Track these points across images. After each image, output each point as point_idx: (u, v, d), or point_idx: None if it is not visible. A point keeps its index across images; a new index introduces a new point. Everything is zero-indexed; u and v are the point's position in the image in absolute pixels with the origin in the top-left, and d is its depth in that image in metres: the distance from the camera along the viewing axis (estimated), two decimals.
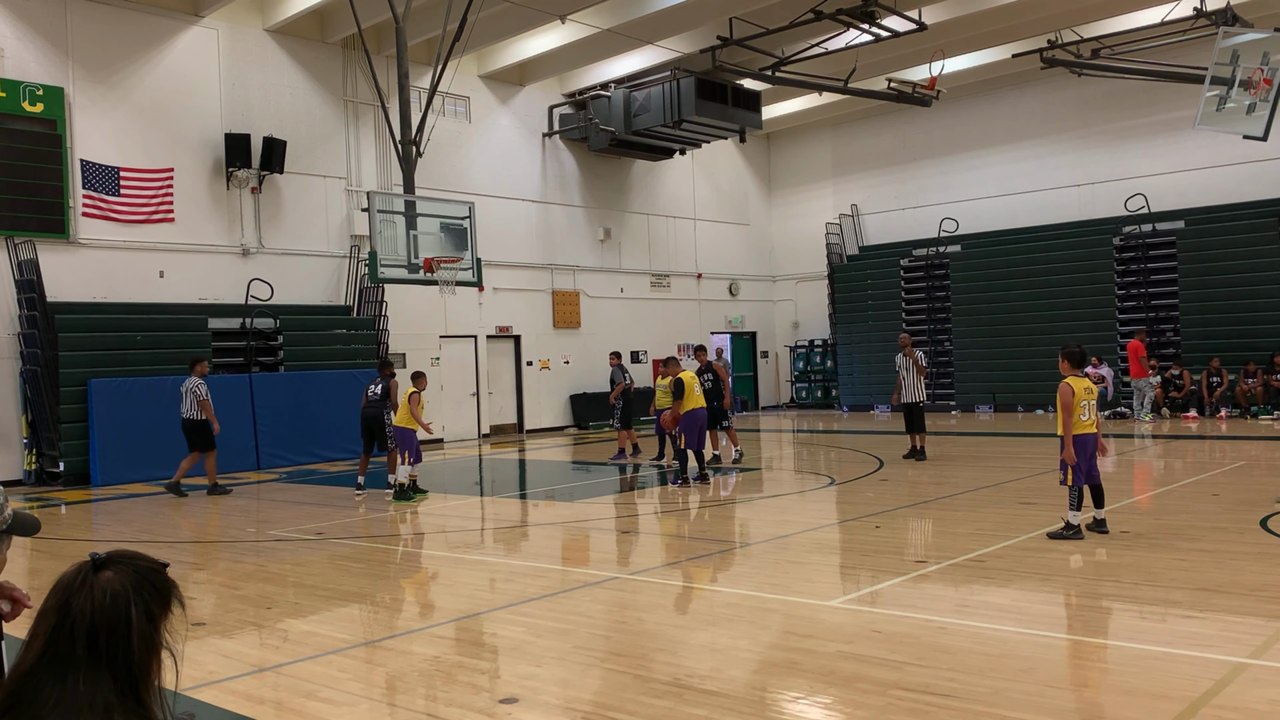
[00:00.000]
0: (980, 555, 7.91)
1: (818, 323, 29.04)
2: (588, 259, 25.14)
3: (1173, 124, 22.30)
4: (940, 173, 27.09)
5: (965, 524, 9.55)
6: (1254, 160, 21.19)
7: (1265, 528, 8.61)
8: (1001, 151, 26.02)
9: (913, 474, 13.50)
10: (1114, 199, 23.85)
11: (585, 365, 24.50)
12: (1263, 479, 11.90)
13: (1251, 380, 20.19)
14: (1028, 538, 8.56)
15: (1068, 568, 7.45)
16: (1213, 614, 6.11)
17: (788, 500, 12.07)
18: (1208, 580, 6.91)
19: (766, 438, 20.72)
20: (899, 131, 27.39)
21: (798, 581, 7.48)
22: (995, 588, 6.93)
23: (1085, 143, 24.73)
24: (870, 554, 8.51)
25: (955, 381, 25.40)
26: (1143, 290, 22.79)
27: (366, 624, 6.94)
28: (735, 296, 29.27)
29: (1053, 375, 22.66)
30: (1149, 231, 22.95)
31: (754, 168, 30.28)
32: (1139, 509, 10.06)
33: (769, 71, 21.30)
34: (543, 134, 24.32)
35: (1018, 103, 25.56)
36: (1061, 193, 24.94)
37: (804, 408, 28.87)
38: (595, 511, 11.60)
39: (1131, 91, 23.01)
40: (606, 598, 7.19)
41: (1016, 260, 24.79)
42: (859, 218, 28.95)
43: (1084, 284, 23.43)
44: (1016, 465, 13.92)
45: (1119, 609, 6.31)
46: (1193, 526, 9.01)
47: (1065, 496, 8.63)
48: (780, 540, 9.23)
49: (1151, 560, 7.61)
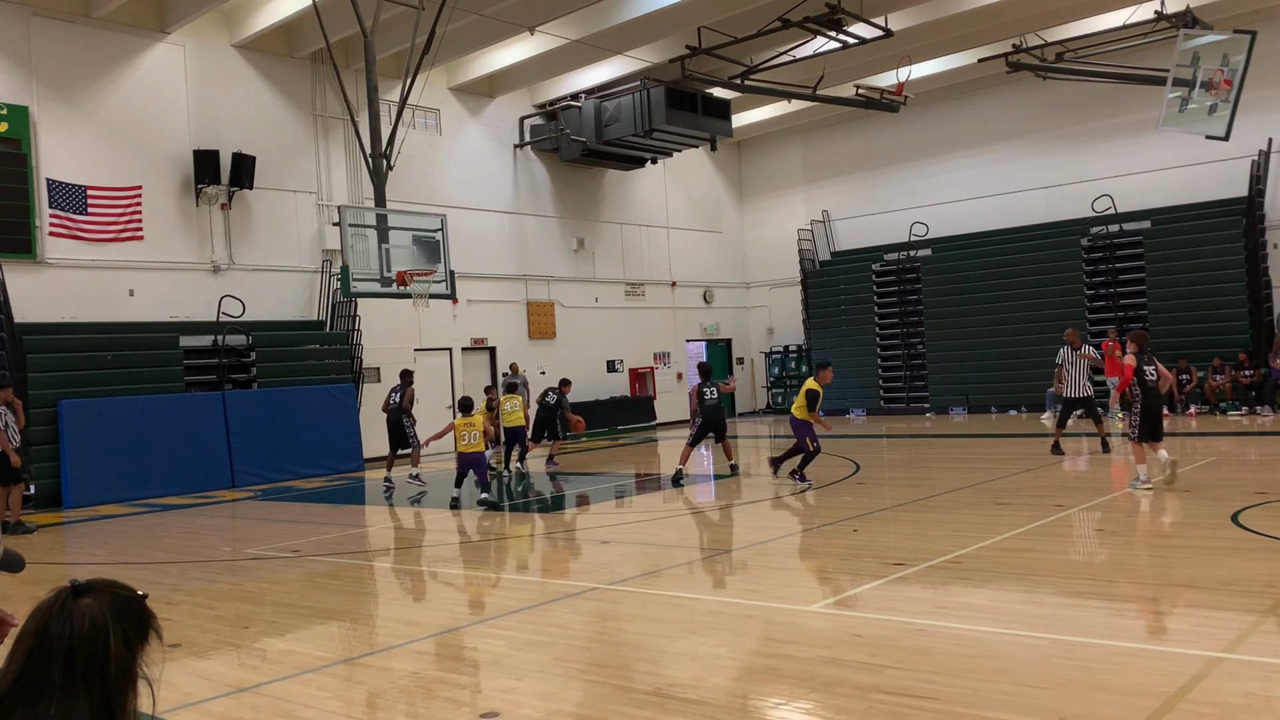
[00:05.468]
0: (957, 556, 7.96)
1: (792, 328, 29.15)
2: (562, 269, 25.13)
3: (1137, 125, 22.57)
4: (909, 177, 27.29)
5: (942, 526, 9.61)
6: (1217, 160, 21.49)
7: (1237, 522, 8.71)
8: (969, 155, 26.25)
9: (889, 476, 13.56)
10: (1081, 200, 24.11)
11: (562, 376, 24.45)
12: (1233, 474, 12.05)
13: (1220, 377, 20.44)
14: (1004, 538, 8.62)
15: (1044, 567, 7.51)
16: (1187, 609, 6.18)
17: (766, 506, 12.09)
18: (1182, 576, 6.99)
19: (744, 444, 20.76)
20: (868, 137, 27.58)
21: (777, 587, 7.49)
22: (973, 589, 6.97)
23: (1052, 145, 25.00)
24: (848, 558, 8.55)
25: (929, 384, 25.57)
26: (1111, 290, 23.04)
27: (345, 641, 6.90)
28: (710, 304, 29.33)
29: (1023, 375, 22.78)
30: (1116, 232, 23.22)
31: (726, 175, 30.39)
32: (1114, 506, 10.15)
33: (738, 80, 21.40)
34: (514, 145, 24.31)
35: (984, 107, 25.81)
36: (1029, 195, 25.19)
37: (781, 413, 28.93)
38: (574, 522, 11.58)
39: (1096, 94, 23.28)
40: (586, 608, 7.18)
41: (987, 263, 25.00)
42: (830, 223, 29.11)
43: (1053, 285, 23.66)
44: (991, 466, 14.02)
45: (1095, 606, 6.36)
46: (1167, 523, 9.12)
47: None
48: (759, 546, 9.25)
49: (1127, 557, 7.69)
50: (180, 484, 16.44)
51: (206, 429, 17.05)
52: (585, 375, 22.32)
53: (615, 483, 15.55)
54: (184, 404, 17.07)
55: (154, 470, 16.26)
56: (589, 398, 24.23)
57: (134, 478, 15.89)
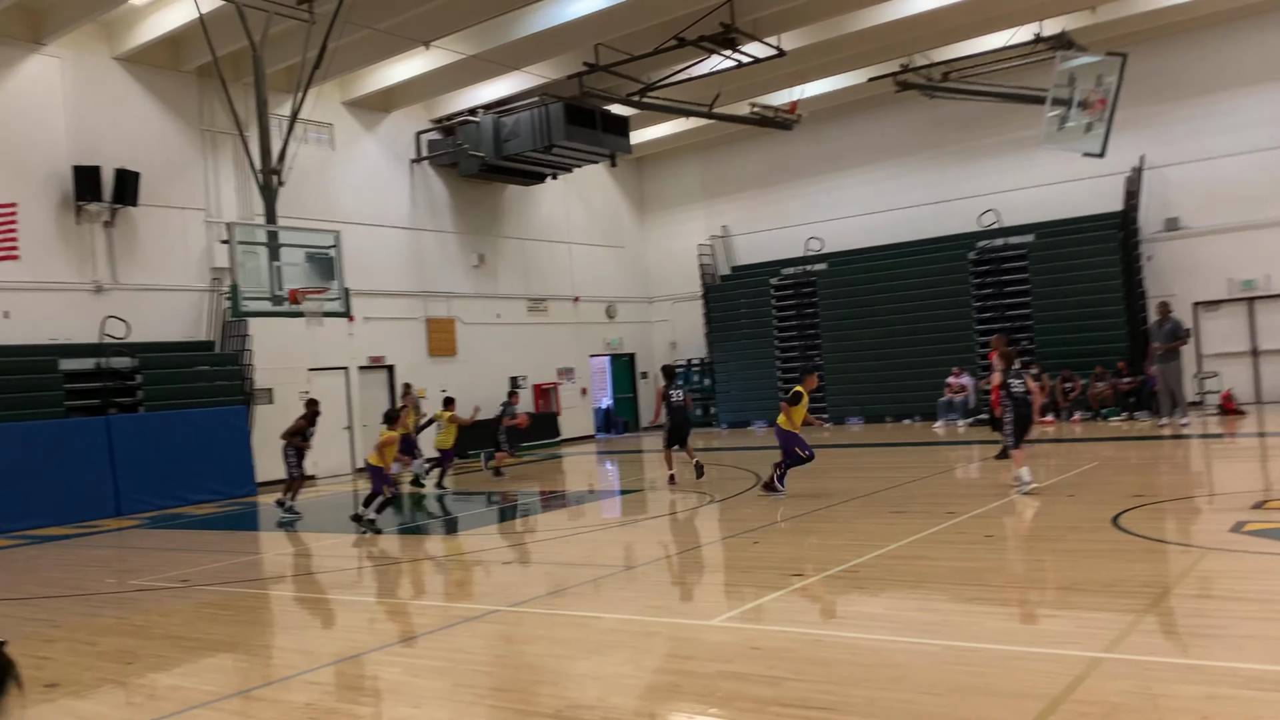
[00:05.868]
0: (854, 565, 8.11)
1: (694, 342, 29.41)
2: (462, 285, 24.89)
3: (1020, 143, 23.41)
4: (805, 193, 27.86)
5: (840, 535, 9.79)
6: (1094, 176, 22.45)
7: (1116, 525, 9.08)
8: (862, 172, 26.92)
9: (788, 487, 13.75)
10: (968, 215, 24.94)
11: (463, 394, 24.13)
12: (1114, 478, 12.56)
13: (1101, 384, 21.32)
14: (899, 546, 8.82)
15: (936, 573, 7.70)
16: (1070, 611, 6.41)
17: (668, 520, 12.15)
18: (1065, 579, 7.25)
19: (648, 458, 20.82)
20: (764, 154, 28.05)
21: (678, 602, 7.53)
22: (869, 597, 7.11)
23: (940, 162, 25.81)
24: (749, 570, 8.64)
25: (827, 395, 26.03)
26: (998, 301, 23.85)
27: (237, 674, 6.67)
28: (613, 319, 29.40)
29: (916, 385, 23.37)
30: (1001, 245, 24.07)
31: (626, 191, 30.55)
32: (1000, 513, 10.48)
33: (636, 97, 21.56)
34: (411, 160, 24.02)
35: (875, 125, 26.51)
36: (919, 210, 25.93)
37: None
38: (475, 543, 11.45)
39: (981, 112, 24.09)
40: (488, 632, 7.10)
41: (880, 276, 25.64)
42: (730, 238, 29.50)
43: (944, 297, 24.38)
44: (888, 474, 14.34)
45: (985, 611, 6.55)
46: (1052, 527, 9.45)
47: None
48: (662, 561, 9.28)
49: (1014, 562, 7.94)
50: (62, 513, 15.72)
51: (89, 455, 16.34)
52: (487, 392, 22.09)
53: (520, 501, 15.43)
54: (65, 430, 16.33)
55: (33, 500, 15.51)
56: (491, 415, 24.00)
57: (11, 508, 15.13)
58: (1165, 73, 22.41)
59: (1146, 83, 21.68)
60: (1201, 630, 5.96)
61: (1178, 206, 22.86)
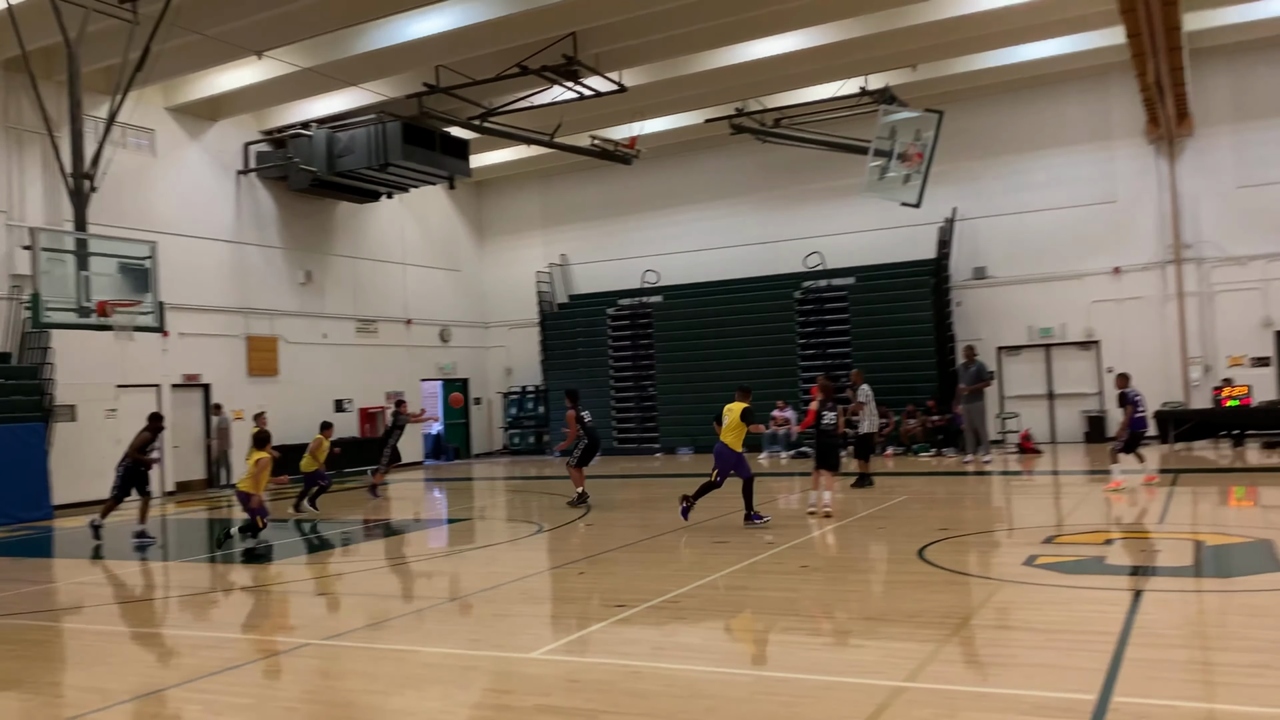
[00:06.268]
0: (676, 596, 8.23)
1: (530, 369, 29.35)
2: (287, 303, 24.05)
3: (844, 190, 24.51)
4: (642, 227, 28.35)
5: (663, 565, 9.92)
6: (911, 225, 23.75)
7: (922, 557, 9.56)
8: (697, 209, 27.63)
9: (618, 517, 13.87)
10: (795, 256, 25.94)
11: (284, 415, 23.25)
12: (922, 512, 13.23)
13: (913, 421, 22.46)
14: (719, 576, 9.01)
15: (753, 603, 7.92)
16: (877, 641, 6.70)
17: (496, 550, 12.03)
18: (873, 609, 7.58)
19: (479, 486, 20.57)
20: (604, 186, 28.40)
21: (500, 635, 7.45)
22: (688, 628, 7.24)
23: (770, 204, 26.78)
24: (572, 601, 8.64)
25: (659, 425, 26.43)
26: (821, 339, 24.84)
27: (20, 714, 6.18)
28: (447, 343, 29.00)
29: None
30: (825, 286, 25.13)
31: (465, 214, 30.30)
32: (817, 544, 10.87)
33: (476, 121, 21.48)
34: (238, 171, 23.13)
35: (711, 164, 27.28)
36: (750, 249, 26.79)
37: (517, 454, 28.97)
38: (291, 573, 11.01)
39: (809, 159, 25.14)
40: (299, 666, 6.83)
41: (712, 311, 26.31)
42: (568, 267, 29.66)
43: (770, 333, 25.23)
44: (713, 505, 14.61)
45: (797, 641, 6.77)
46: (863, 559, 9.87)
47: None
48: (486, 593, 9.18)
49: (827, 592, 8.24)
50: None
51: None
52: (310, 414, 21.32)
53: (341, 529, 14.94)
54: None
55: None
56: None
57: None
58: (977, 131, 24.00)
59: (960, 140, 23.13)
60: (996, 659, 6.34)
61: (985, 257, 24.45)
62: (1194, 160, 22.75)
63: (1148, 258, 23.02)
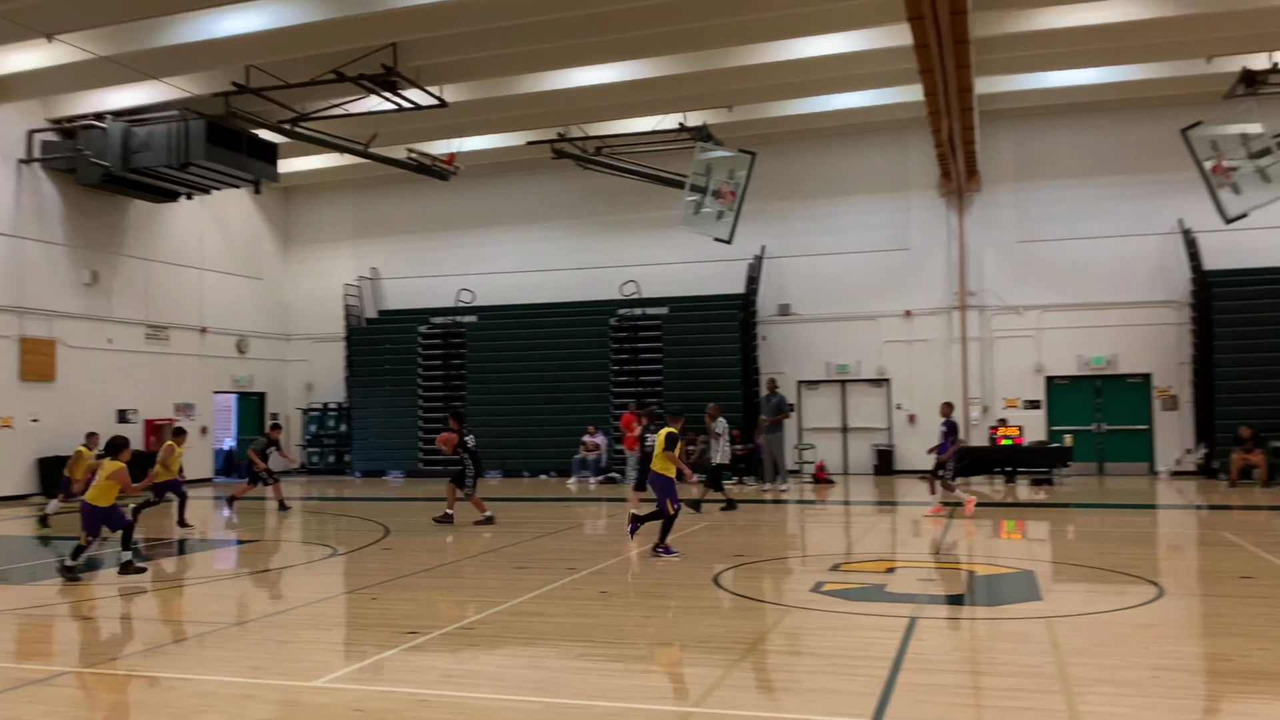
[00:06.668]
0: (471, 623, 8.11)
1: (333, 385, 28.38)
2: (69, 304, 22.36)
3: (661, 221, 24.91)
4: (459, 245, 28.01)
5: (462, 591, 9.76)
6: (723, 259, 24.43)
7: (717, 583, 9.79)
8: (516, 230, 27.55)
9: (418, 541, 13.57)
10: (612, 283, 26.23)
11: (60, 424, 21.58)
12: (721, 538, 13.57)
13: None
14: (517, 602, 8.94)
15: (550, 630, 7.89)
16: (668, 666, 6.80)
17: (286, 574, 11.52)
18: (666, 635, 7.70)
19: (272, 506, 19.66)
20: (421, 201, 27.90)
21: (283, 662, 7.13)
22: (481, 655, 7.13)
23: (589, 230, 27.02)
24: (364, 627, 8.38)
25: None
26: (634, 366, 25.19)
27: None
28: (244, 354, 27.68)
29: (554, 442, 23.90)
30: (640, 314, 25.52)
31: (271, 221, 29.10)
32: (617, 570, 10.96)
33: (287, 125, 20.72)
34: (19, 160, 21.41)
35: (531, 186, 27.29)
36: (568, 274, 26.91)
37: (315, 473, 27.88)
38: (51, 595, 10.17)
39: (629, 188, 25.49)
40: (53, 698, 6.30)
41: (527, 334, 26.24)
42: (379, 281, 28.94)
43: (585, 359, 25.39)
44: (518, 530, 14.53)
45: (590, 668, 6.78)
46: (661, 584, 10.01)
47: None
48: (271, 618, 8.77)
49: (623, 619, 8.31)
50: None
51: None
52: (88, 425, 19.78)
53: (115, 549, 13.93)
54: None
55: None
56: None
57: None
58: (787, 174, 25.01)
59: (771, 181, 24.03)
60: (778, 684, 6.56)
61: (790, 294, 25.47)
62: (980, 214, 24.49)
63: (936, 303, 24.56)
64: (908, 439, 24.47)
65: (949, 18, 14.46)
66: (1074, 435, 23.31)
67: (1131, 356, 23.47)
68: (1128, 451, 23.58)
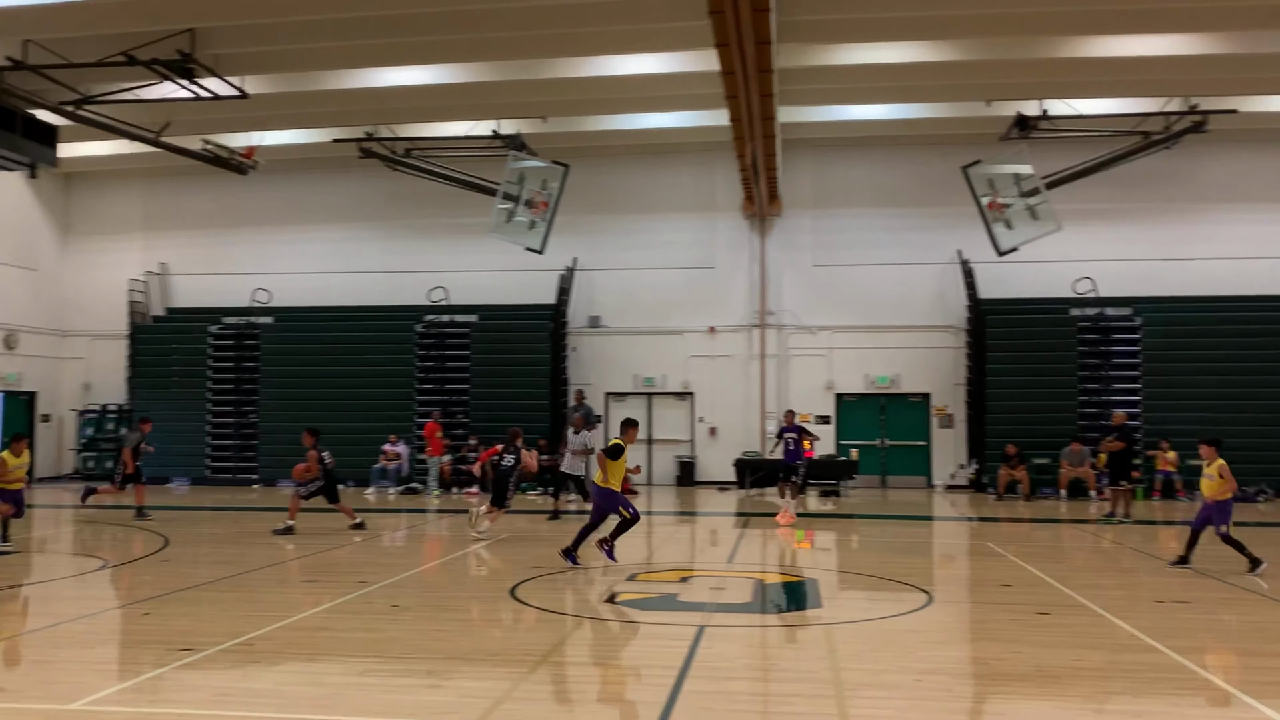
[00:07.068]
0: (251, 638, 7.77)
1: (114, 386, 26.55)
2: None
3: (473, 228, 24.61)
4: (257, 242, 26.85)
5: (244, 605, 9.34)
6: (535, 269, 24.40)
7: (514, 595, 9.77)
8: (319, 230, 26.65)
9: (202, 553, 12.89)
10: (420, 288, 25.73)
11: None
12: (522, 550, 13.53)
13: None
14: (303, 616, 8.64)
15: (335, 645, 7.66)
16: (456, 681, 6.72)
17: (52, 588, 10.70)
18: (456, 648, 7.62)
19: (41, 515, 18.20)
20: (216, 195, 26.56)
21: (37, 684, 6.62)
22: (260, 671, 6.85)
23: (398, 233, 26.46)
24: (134, 644, 7.89)
25: (259, 455, 24.92)
26: (440, 375, 24.80)
27: None
28: (12, 350, 25.54)
29: (357, 450, 23.17)
30: (448, 322, 25.16)
31: (49, 208, 27.02)
32: (412, 583, 10.75)
33: (70, 107, 19.30)
34: None
35: (337, 185, 26.47)
36: (374, 277, 26.23)
37: (91, 478, 25.95)
38: None
39: (440, 193, 25.05)
40: None
41: (328, 337, 25.41)
42: (168, 277, 27.35)
43: (390, 365, 24.79)
44: (312, 541, 14.03)
45: (375, 684, 6.62)
46: (455, 597, 9.90)
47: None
48: (27, 636, 8.13)
49: (413, 632, 8.16)
50: None
51: None
52: None
53: None
54: None
55: None
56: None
57: None
58: (600, 188, 25.28)
59: (584, 194, 24.22)
60: (566, 696, 6.61)
61: (600, 306, 25.75)
62: (781, 238, 25.53)
63: (738, 320, 25.40)
64: (709, 451, 25.18)
65: (754, 47, 15.02)
66: (860, 450, 24.61)
67: (913, 377, 25.01)
68: (908, 466, 25.08)
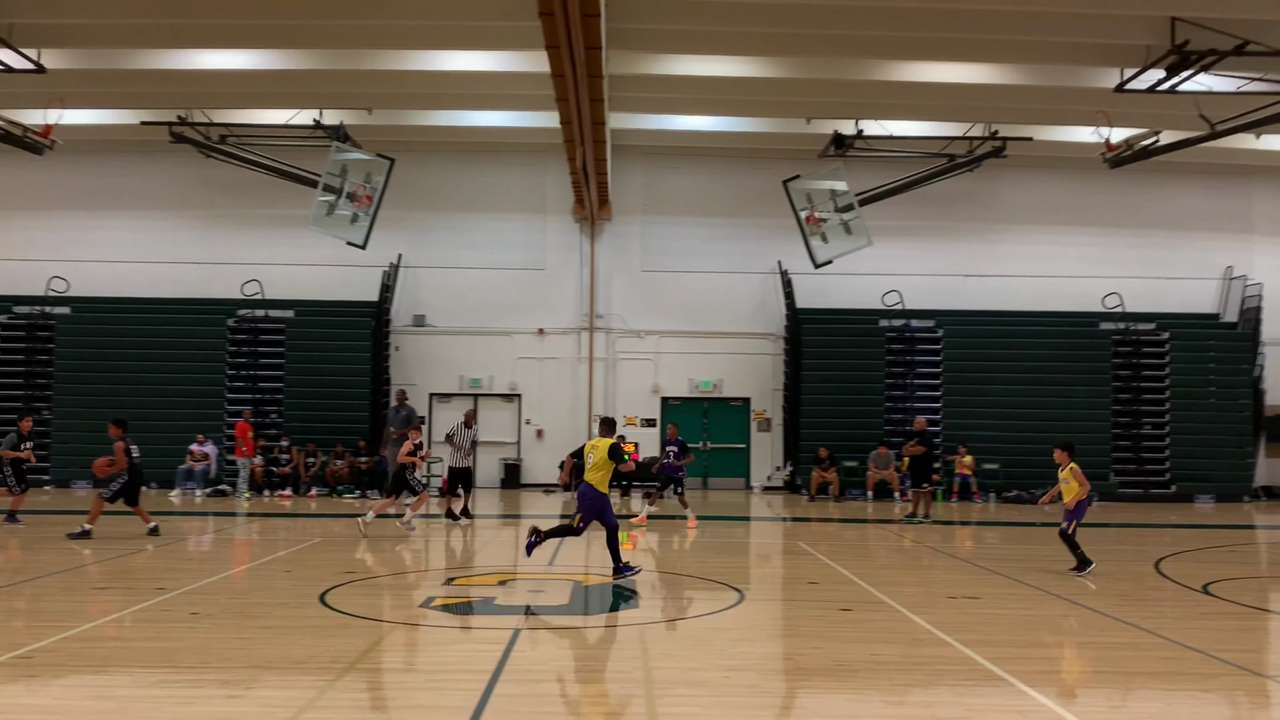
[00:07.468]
0: (30, 651, 7.22)
1: None
2: None
3: (290, 219, 23.68)
4: (53, 227, 25.10)
5: (22, 615, 8.70)
6: (356, 265, 23.79)
7: (323, 601, 9.45)
8: (124, 216, 25.15)
9: None
10: (233, 281, 24.57)
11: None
12: (334, 554, 13.14)
13: (340, 461, 22.30)
14: (92, 626, 8.11)
15: (127, 655, 7.23)
16: (256, 690, 6.44)
17: None
18: (260, 656, 7.31)
19: None
20: (7, 175, 24.68)
21: None
22: (38, 687, 6.39)
23: (210, 222, 25.26)
24: None
25: (51, 455, 23.19)
26: (253, 372, 23.77)
27: None
28: None
29: (163, 448, 21.91)
30: (262, 316, 24.15)
31: None
32: (215, 589, 10.25)
33: None
34: None
35: (145, 170, 25.04)
36: (183, 268, 24.93)
37: None
38: None
39: (256, 182, 23.99)
40: None
41: (132, 330, 24.03)
42: None
43: (199, 361, 23.60)
44: (106, 547, 13.17)
45: (167, 695, 6.26)
46: (261, 604, 9.49)
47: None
48: None
49: (213, 641, 7.77)
50: None
51: None
52: None
53: None
54: None
55: None
56: None
57: None
58: (427, 184, 24.87)
59: (410, 189, 23.77)
60: (372, 703, 6.45)
61: (426, 305, 25.32)
62: (610, 242, 25.76)
63: (567, 323, 25.47)
64: (536, 454, 25.13)
65: (584, 51, 15.07)
66: None
67: (734, 381, 25.71)
68: (728, 468, 25.76)
